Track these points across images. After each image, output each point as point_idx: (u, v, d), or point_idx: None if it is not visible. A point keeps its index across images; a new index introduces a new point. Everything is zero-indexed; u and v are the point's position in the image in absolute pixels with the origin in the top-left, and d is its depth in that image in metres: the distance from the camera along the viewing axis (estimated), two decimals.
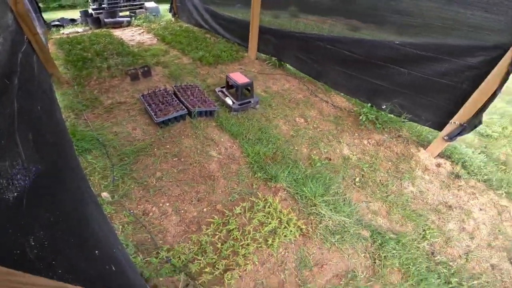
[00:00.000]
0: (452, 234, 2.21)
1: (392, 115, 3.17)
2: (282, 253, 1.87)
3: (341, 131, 3.14)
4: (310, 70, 3.96)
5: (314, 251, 1.91)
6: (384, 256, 1.95)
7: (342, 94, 3.77)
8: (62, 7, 16.01)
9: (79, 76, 3.63)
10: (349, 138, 3.03)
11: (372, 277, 1.85)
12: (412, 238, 2.10)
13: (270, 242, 1.88)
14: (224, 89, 3.43)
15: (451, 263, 2.02)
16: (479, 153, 3.05)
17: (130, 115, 2.98)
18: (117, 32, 5.97)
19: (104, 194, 2.02)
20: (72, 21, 6.87)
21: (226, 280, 1.65)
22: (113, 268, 1.08)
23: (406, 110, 2.99)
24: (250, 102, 3.24)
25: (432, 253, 2.08)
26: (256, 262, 1.78)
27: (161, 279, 1.55)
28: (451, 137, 2.61)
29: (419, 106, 2.88)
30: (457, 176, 2.68)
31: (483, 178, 2.72)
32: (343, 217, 2.13)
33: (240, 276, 1.70)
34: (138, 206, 2.00)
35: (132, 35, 5.83)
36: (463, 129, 2.54)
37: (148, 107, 2.90)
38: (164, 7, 7.80)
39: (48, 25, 6.09)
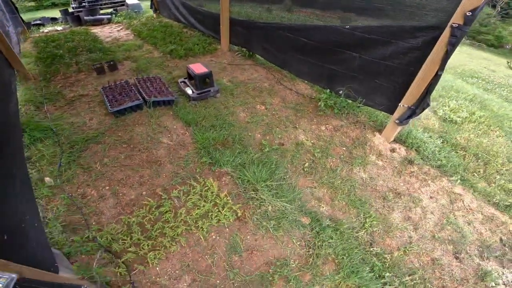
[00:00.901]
0: (395, 223, 2.18)
1: (349, 100, 3.20)
2: (213, 237, 1.90)
3: (300, 117, 3.17)
4: (275, 59, 4.00)
5: (248, 237, 1.94)
6: (320, 245, 1.92)
7: (306, 82, 3.81)
8: (55, 5, 16.13)
9: (46, 72, 3.71)
10: (306, 124, 3.07)
11: (304, 267, 1.80)
12: (352, 226, 2.11)
13: (200, 225, 1.93)
14: (186, 80, 3.48)
15: (387, 256, 1.94)
16: (437, 139, 3.06)
17: (89, 107, 3.05)
18: (95, 30, 6.04)
19: (47, 179, 2.10)
20: (53, 19, 6.97)
21: (149, 260, 1.71)
22: (5, 237, 1.15)
23: (361, 95, 3.02)
24: (209, 91, 3.29)
25: (371, 244, 2.02)
26: (184, 245, 1.82)
27: (83, 256, 1.62)
28: (401, 120, 2.64)
29: (371, 90, 2.91)
30: (410, 162, 2.70)
31: (437, 163, 2.72)
32: (285, 203, 2.16)
33: (166, 258, 1.75)
34: (78, 190, 2.07)
35: (110, 32, 5.90)
36: (412, 112, 2.56)
37: (105, 98, 2.97)
38: (147, 3, 7.85)
39: (28, 25, 6.18)
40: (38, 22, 6.75)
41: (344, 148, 2.82)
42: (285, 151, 2.68)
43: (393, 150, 2.85)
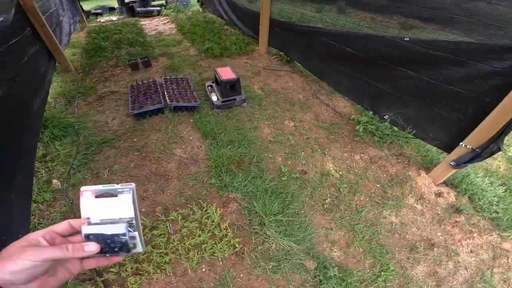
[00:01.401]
0: (415, 279, 1.75)
1: (395, 128, 2.66)
2: (203, 269, 1.69)
3: (332, 141, 2.74)
4: (314, 68, 3.56)
5: (241, 275, 1.68)
6: None
7: (346, 98, 3.31)
8: None
9: (87, 65, 3.84)
10: (337, 151, 2.63)
11: None
12: (362, 279, 1.71)
13: (190, 256, 1.71)
14: (213, 84, 3.28)
15: None
16: (499, 186, 2.37)
17: (115, 105, 3.03)
18: (144, 22, 6.20)
19: (55, 181, 2.08)
20: (111, 9, 7.37)
21: (129, 284, 1.55)
22: None
23: (411, 124, 2.47)
24: (235, 99, 3.03)
25: None
26: (170, 273, 1.64)
27: None
28: (459, 163, 2.06)
29: (426, 120, 2.34)
30: (458, 210, 2.13)
31: (491, 215, 2.12)
32: (292, 242, 1.84)
33: (149, 284, 1.59)
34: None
35: (156, 25, 6.00)
36: (475, 155, 1.98)
37: (130, 98, 2.91)
38: None
39: (87, 14, 6.62)
40: (98, 11, 7.20)
41: (378, 185, 2.33)
42: (306, 181, 2.31)
43: (439, 195, 2.28)
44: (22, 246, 0.44)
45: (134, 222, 0.50)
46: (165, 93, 2.98)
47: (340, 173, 2.42)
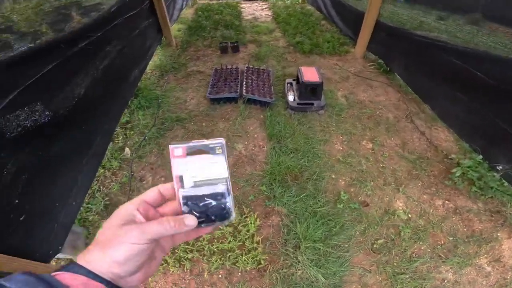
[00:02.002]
0: None
1: (506, 184, 1.97)
2: (220, 275, 1.63)
3: (414, 178, 2.24)
4: (418, 86, 2.93)
5: None
6: None
7: (451, 130, 2.62)
8: None
9: (185, 42, 4.15)
10: (416, 190, 2.14)
11: None
12: None
13: (213, 259, 1.66)
14: (293, 83, 3.07)
15: None
16: None
17: (198, 85, 3.18)
18: (245, 5, 6.33)
19: (127, 149, 2.31)
20: None
21: None
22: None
23: None
24: (312, 104, 2.77)
25: None
26: (187, 269, 1.64)
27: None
28: None
29: None
30: None
31: None
32: (320, 274, 1.60)
33: (164, 273, 1.63)
34: (141, 171, 2.17)
35: (254, 10, 6.05)
36: None
37: (211, 81, 3.00)
38: None
39: None
40: None
41: (450, 239, 1.83)
42: (364, 215, 1.96)
43: None
44: (119, 225, 0.36)
45: (229, 183, 0.43)
46: (244, 82, 2.95)
47: (409, 215, 1.97)
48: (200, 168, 0.42)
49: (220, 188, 0.42)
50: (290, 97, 2.85)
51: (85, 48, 1.72)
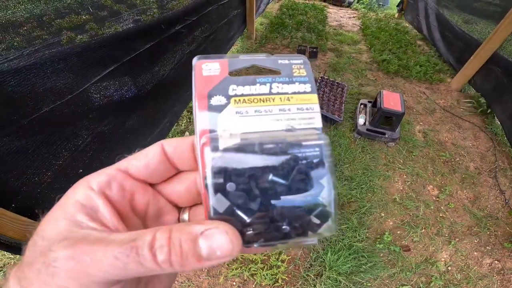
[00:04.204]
0: None
1: None
2: (234, 283, 1.59)
3: (472, 234, 1.91)
4: None
5: None
6: None
7: None
8: None
9: (264, 37, 4.13)
10: (469, 246, 1.84)
11: None
12: None
13: (233, 266, 1.64)
14: (368, 105, 2.79)
15: None
16: None
17: None
18: (332, 10, 6.04)
19: (186, 134, 2.39)
20: None
21: None
22: None
23: None
24: (384, 134, 2.48)
25: None
26: (205, 269, 1.63)
27: None
28: None
29: None
30: None
31: None
32: None
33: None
34: None
35: (341, 16, 5.72)
36: None
37: None
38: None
39: None
40: None
41: None
42: (401, 259, 1.73)
43: None
44: (46, 247, 0.19)
45: (324, 149, 0.21)
46: None
47: (448, 268, 1.72)
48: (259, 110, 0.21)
49: (310, 153, 0.20)
50: (361, 120, 2.60)
51: (179, 31, 1.79)
